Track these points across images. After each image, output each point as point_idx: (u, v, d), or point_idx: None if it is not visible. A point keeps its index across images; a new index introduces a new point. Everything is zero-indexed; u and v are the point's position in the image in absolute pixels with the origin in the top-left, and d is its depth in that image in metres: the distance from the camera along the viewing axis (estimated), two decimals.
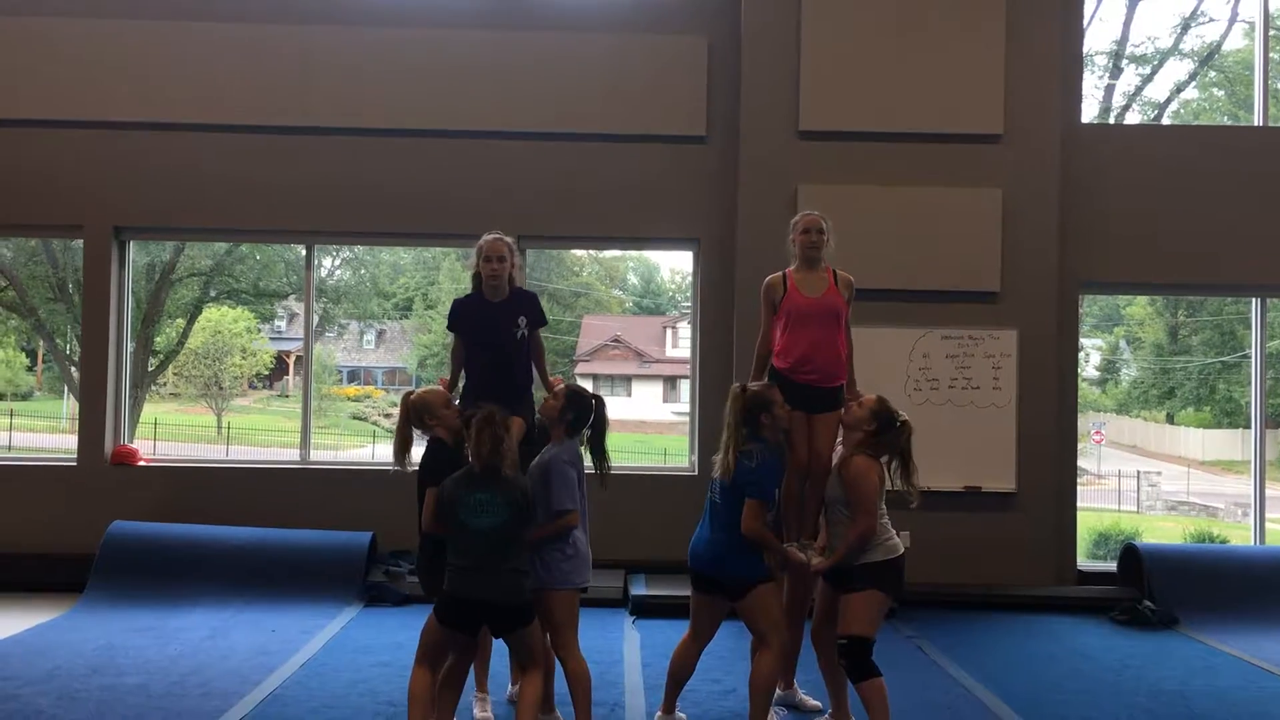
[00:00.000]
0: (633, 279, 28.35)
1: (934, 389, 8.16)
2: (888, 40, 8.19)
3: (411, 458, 4.87)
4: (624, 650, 6.47)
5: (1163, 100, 17.91)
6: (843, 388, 5.38)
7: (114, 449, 8.56)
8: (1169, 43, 17.37)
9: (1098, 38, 16.98)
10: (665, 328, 25.42)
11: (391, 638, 6.53)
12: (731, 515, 4.62)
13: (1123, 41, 16.82)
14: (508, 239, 5.37)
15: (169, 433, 18.26)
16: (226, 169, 8.51)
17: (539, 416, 4.98)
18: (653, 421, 22.85)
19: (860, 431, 4.74)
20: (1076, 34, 8.68)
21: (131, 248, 8.89)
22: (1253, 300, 9.06)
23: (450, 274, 21.11)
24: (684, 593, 4.96)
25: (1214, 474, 23.03)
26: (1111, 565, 8.67)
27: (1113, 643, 7.00)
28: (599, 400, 4.86)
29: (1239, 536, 14.01)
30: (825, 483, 4.96)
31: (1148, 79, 17.71)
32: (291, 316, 22.15)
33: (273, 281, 16.89)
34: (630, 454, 17.11)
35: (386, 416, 21.02)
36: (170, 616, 7.02)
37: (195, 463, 9.47)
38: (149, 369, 15.84)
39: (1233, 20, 16.59)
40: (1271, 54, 9.04)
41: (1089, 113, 15.34)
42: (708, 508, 4.80)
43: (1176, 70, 18.50)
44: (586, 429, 4.82)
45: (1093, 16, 14.63)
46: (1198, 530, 15.83)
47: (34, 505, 8.33)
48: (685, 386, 15.89)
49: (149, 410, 17.07)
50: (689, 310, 9.50)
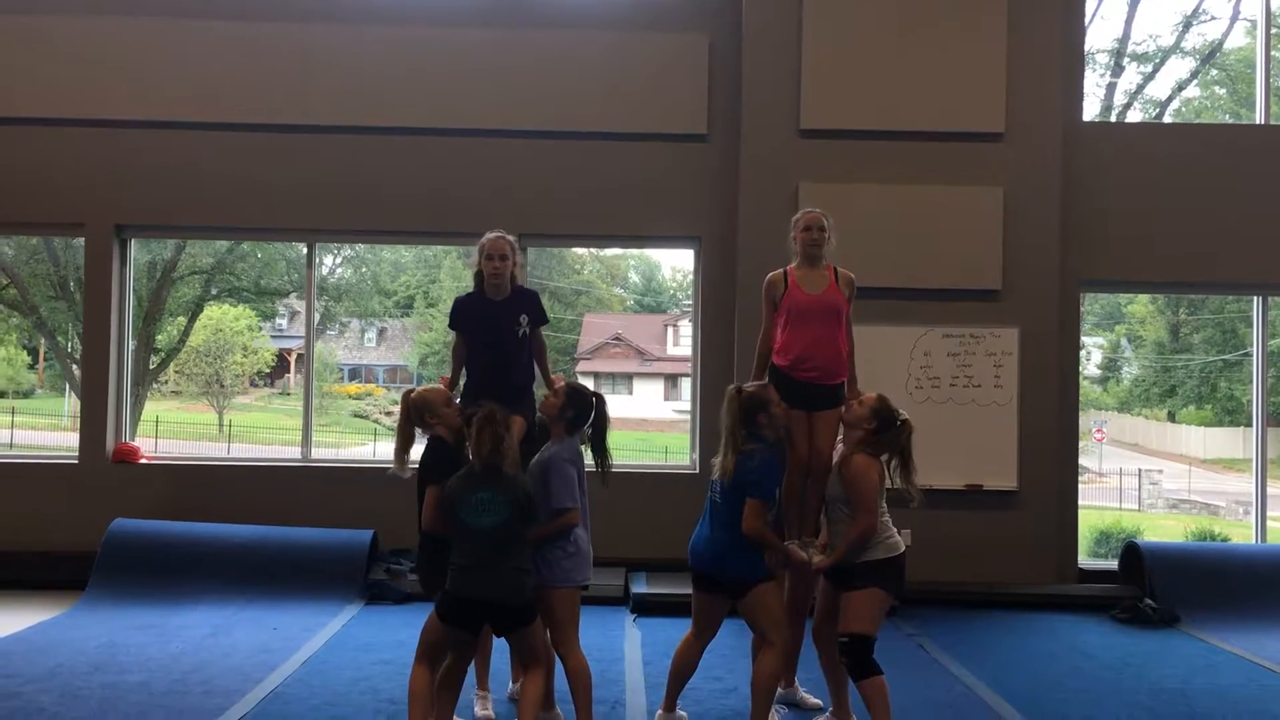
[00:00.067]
0: (634, 277, 28.33)
1: (935, 387, 8.16)
2: (889, 38, 8.19)
3: (410, 461, 4.86)
4: (625, 648, 6.48)
5: (1164, 98, 17.88)
6: (843, 385, 5.37)
7: (115, 447, 8.57)
8: (1170, 41, 17.35)
9: (1099, 36, 16.98)
10: (666, 326, 25.38)
11: (393, 635, 6.54)
12: (732, 515, 4.62)
13: (1124, 39, 16.79)
14: (509, 237, 5.37)
15: (170, 431, 18.25)
16: (227, 167, 8.51)
17: (539, 414, 4.98)
18: (654, 419, 22.82)
19: (860, 430, 4.74)
20: (1078, 32, 8.68)
21: (133, 246, 8.90)
22: (1254, 298, 9.06)
23: (451, 272, 21.10)
24: (685, 591, 4.96)
25: (1215, 472, 22.99)
26: (1113, 563, 8.67)
27: (1114, 641, 7.00)
28: (599, 398, 4.86)
29: (1240, 535, 14.00)
30: (826, 480, 4.96)
31: (1149, 77, 17.68)
32: (293, 314, 22.13)
33: (274, 279, 16.86)
34: (631, 452, 17.09)
35: (388, 414, 21.00)
36: (172, 614, 7.03)
37: (197, 460, 9.48)
38: (150, 367, 15.82)
39: (1234, 18, 16.56)
40: (1273, 52, 9.03)
41: (1090, 111, 15.35)
42: (708, 507, 4.80)
43: (1178, 68, 18.47)
44: (587, 427, 4.83)
45: (1094, 14, 14.62)
46: (1199, 528, 15.81)
47: (36, 503, 8.34)
48: (686, 385, 15.89)
49: (150, 408, 17.06)
50: (690, 308, 9.50)
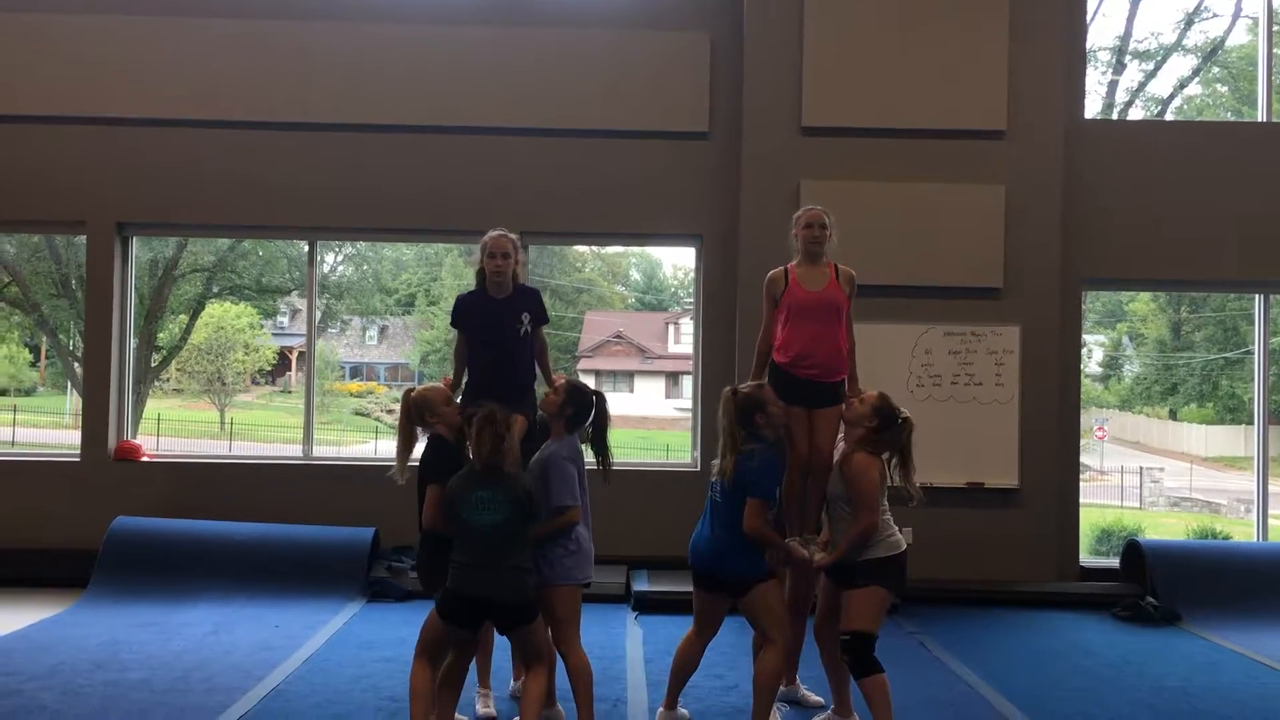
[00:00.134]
0: (635, 275, 28.34)
1: (936, 385, 8.16)
2: (890, 36, 8.18)
3: (410, 466, 4.84)
4: (626, 646, 6.48)
5: (1166, 96, 17.88)
6: (843, 382, 5.37)
7: (117, 445, 8.57)
8: (1172, 38, 17.34)
9: (1101, 33, 16.97)
10: (668, 324, 25.39)
11: (394, 633, 6.54)
12: (733, 514, 4.62)
13: (1126, 37, 16.78)
14: (512, 235, 5.37)
15: (172, 428, 18.26)
16: (229, 165, 8.51)
17: (540, 412, 4.98)
18: (655, 417, 22.84)
19: (862, 427, 4.74)
20: (1080, 29, 8.67)
21: (134, 244, 8.90)
22: (1256, 296, 9.05)
23: (453, 270, 21.10)
24: (686, 589, 4.96)
25: (1217, 470, 22.99)
26: (1114, 561, 8.67)
27: (1115, 639, 7.00)
28: (599, 396, 4.85)
29: (1242, 533, 13.98)
30: (827, 478, 4.96)
31: (1151, 74, 17.68)
32: (294, 312, 22.14)
33: (275, 277, 16.87)
34: (632, 450, 17.09)
35: (389, 412, 21.02)
36: (173, 612, 7.04)
37: (198, 458, 9.49)
38: (152, 365, 15.82)
39: (1236, 16, 16.54)
40: (1275, 49, 9.01)
41: (1092, 108, 15.32)
42: (708, 506, 4.80)
43: (1180, 66, 18.48)
44: (588, 425, 4.82)
45: (1096, 12, 14.60)
46: (1200, 526, 15.82)
47: (38, 501, 8.34)
48: (688, 382, 15.90)
49: (152, 406, 17.07)
50: (691, 306, 9.50)
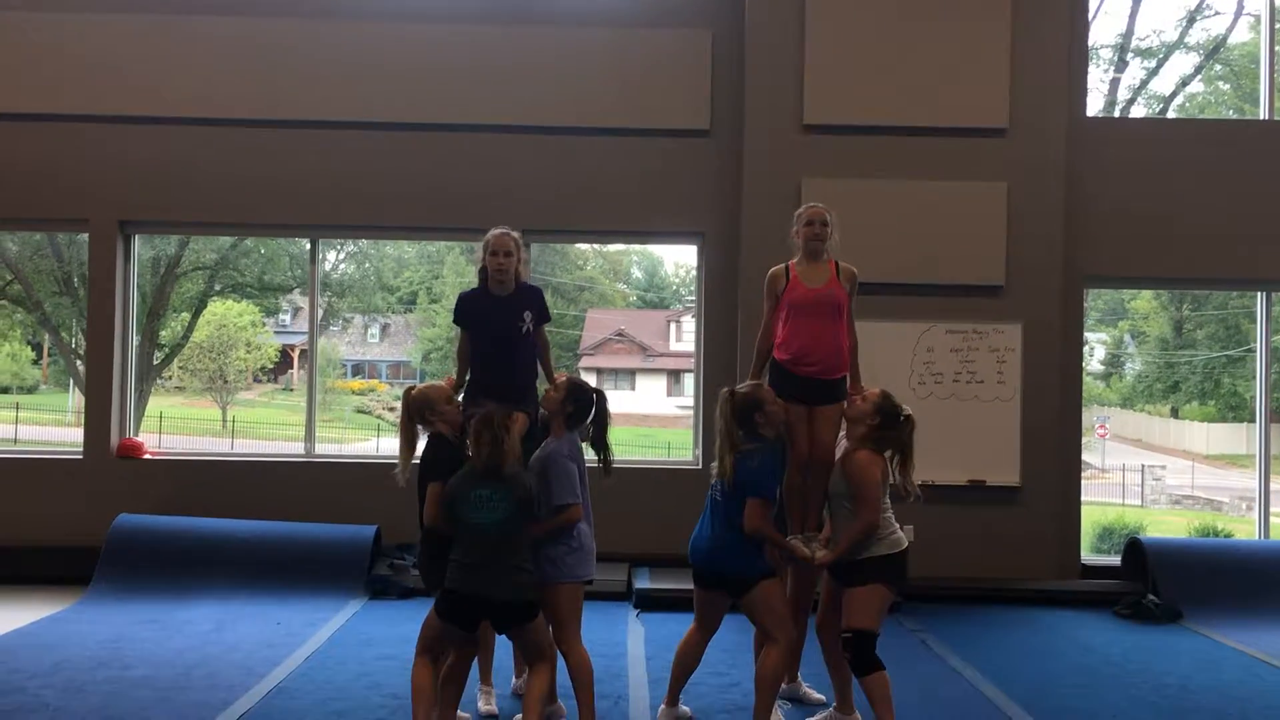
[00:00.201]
0: (637, 273, 28.34)
1: (938, 383, 8.16)
2: (892, 33, 8.17)
3: (412, 466, 4.84)
4: (628, 643, 6.49)
5: (1168, 94, 17.88)
6: (844, 380, 5.37)
7: (120, 442, 8.59)
8: (1174, 36, 17.35)
9: (1103, 31, 17.02)
10: (669, 321, 25.40)
11: (396, 631, 6.54)
12: (733, 513, 4.63)
13: (1128, 35, 16.78)
14: (514, 233, 5.36)
15: (174, 426, 18.29)
16: (231, 163, 8.52)
17: (541, 410, 4.98)
18: (656, 415, 22.85)
19: (863, 425, 4.74)
20: (1082, 27, 8.66)
21: (137, 242, 8.90)
22: (1258, 294, 9.05)
23: (454, 268, 21.13)
24: (688, 586, 4.96)
25: (1218, 468, 22.99)
26: (1115, 559, 8.67)
27: (1116, 637, 7.00)
28: (600, 394, 4.86)
29: (1243, 530, 13.99)
30: (828, 476, 4.96)
31: (1153, 72, 17.68)
32: (296, 310, 22.17)
33: (277, 275, 16.90)
34: (634, 448, 17.12)
35: (391, 410, 21.04)
36: (176, 609, 7.05)
37: (200, 456, 9.50)
38: (154, 362, 15.85)
39: (1238, 13, 16.55)
40: (1277, 47, 8.99)
41: (1094, 106, 15.33)
42: (709, 505, 4.80)
43: (1182, 64, 18.52)
44: (588, 423, 4.83)
45: (1098, 9, 14.56)
46: (1202, 524, 15.82)
47: (40, 498, 8.35)
48: (689, 380, 15.89)
49: (154, 404, 17.09)
50: (693, 304, 9.50)
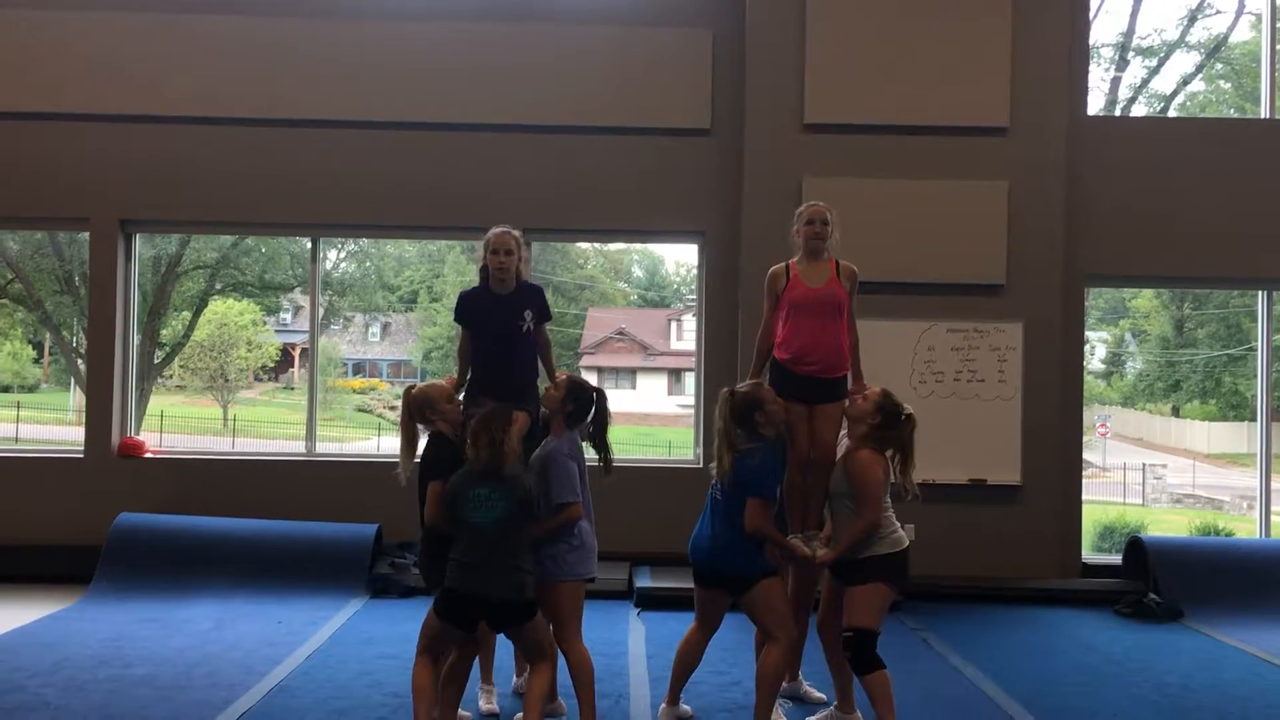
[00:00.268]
0: (637, 272, 28.35)
1: (939, 381, 8.16)
2: (893, 32, 8.17)
3: (413, 464, 4.85)
4: (629, 642, 6.49)
5: (1169, 92, 17.86)
6: (844, 379, 5.36)
7: (121, 441, 8.59)
8: (1175, 35, 17.32)
9: (1104, 29, 17.00)
10: (670, 320, 25.40)
11: (397, 629, 6.55)
12: (734, 512, 4.63)
13: (1129, 33, 16.77)
14: (515, 232, 5.37)
15: (175, 425, 18.28)
16: (232, 162, 8.52)
17: (542, 409, 4.98)
18: (657, 414, 22.86)
19: (864, 424, 4.74)
20: (1083, 25, 8.65)
21: (137, 240, 8.90)
22: (1259, 293, 9.05)
23: (455, 267, 21.13)
24: (689, 585, 4.96)
25: (1219, 467, 22.98)
26: (1116, 558, 8.66)
27: (1117, 636, 7.00)
28: (600, 393, 4.86)
29: (1244, 529, 13.99)
30: (830, 475, 4.96)
31: (1154, 71, 17.66)
32: (297, 309, 22.18)
33: (278, 274, 16.89)
34: (635, 446, 17.11)
35: (391, 409, 21.04)
36: (177, 608, 7.05)
37: (201, 455, 9.50)
38: (155, 361, 15.84)
39: (1240, 12, 16.55)
40: (1278, 45, 8.99)
41: (1095, 105, 15.29)
42: (709, 504, 4.80)
43: (1183, 62, 18.50)
44: (588, 422, 4.83)
45: (1099, 8, 14.55)
46: (1203, 523, 15.80)
47: (41, 497, 8.35)
48: (690, 379, 15.90)
49: (155, 402, 17.10)
50: (694, 303, 9.49)
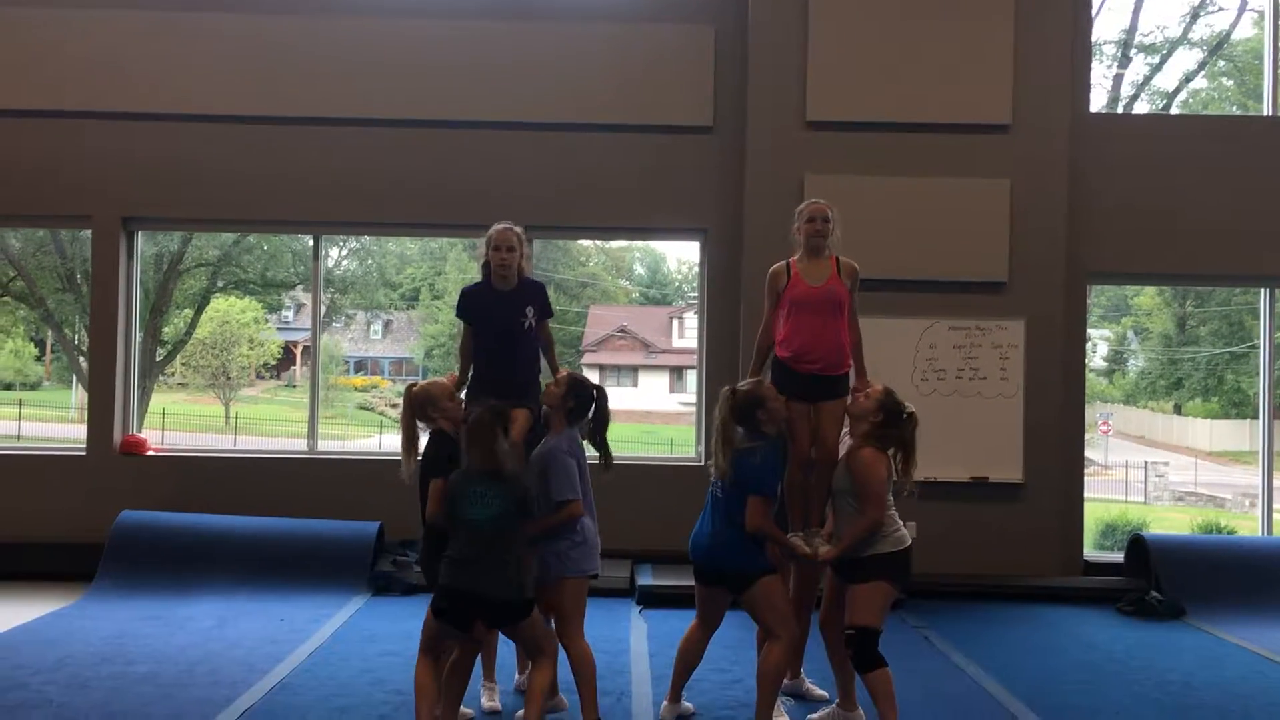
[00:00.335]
0: (639, 269, 28.36)
1: (941, 379, 8.15)
2: (895, 29, 8.16)
3: (416, 460, 4.85)
4: (631, 640, 6.49)
5: (1172, 89, 17.84)
6: (846, 376, 5.35)
7: (123, 439, 8.59)
8: (1178, 32, 17.29)
9: (1106, 27, 16.94)
10: (672, 318, 25.40)
11: (399, 627, 6.54)
12: (734, 510, 4.63)
13: (1131, 30, 16.75)
14: (517, 229, 5.36)
15: (177, 423, 18.29)
16: (234, 160, 8.52)
17: (543, 406, 4.98)
18: (659, 412, 22.86)
19: (867, 422, 4.74)
20: (1085, 23, 8.64)
21: (139, 238, 8.90)
22: (1261, 290, 9.03)
23: (456, 264, 21.13)
24: (690, 583, 4.96)
25: (1221, 464, 22.95)
26: (1118, 556, 8.65)
27: (1119, 633, 7.00)
28: (600, 391, 4.86)
29: (1246, 527, 13.98)
30: (832, 472, 4.95)
31: (1156, 68, 17.64)
32: (299, 307, 22.20)
33: (280, 272, 16.91)
34: (636, 444, 17.11)
35: (393, 406, 21.04)
36: (179, 605, 7.06)
37: (203, 453, 9.50)
38: (157, 359, 15.86)
39: (1242, 9, 16.53)
40: None
41: (1097, 102, 15.27)
42: (709, 502, 4.80)
43: (1185, 59, 18.46)
44: (588, 419, 4.83)
45: (1101, 5, 14.55)
46: (1205, 521, 15.77)
47: (43, 495, 8.36)
48: (692, 377, 15.88)
49: (157, 400, 17.11)
50: (696, 300, 9.49)
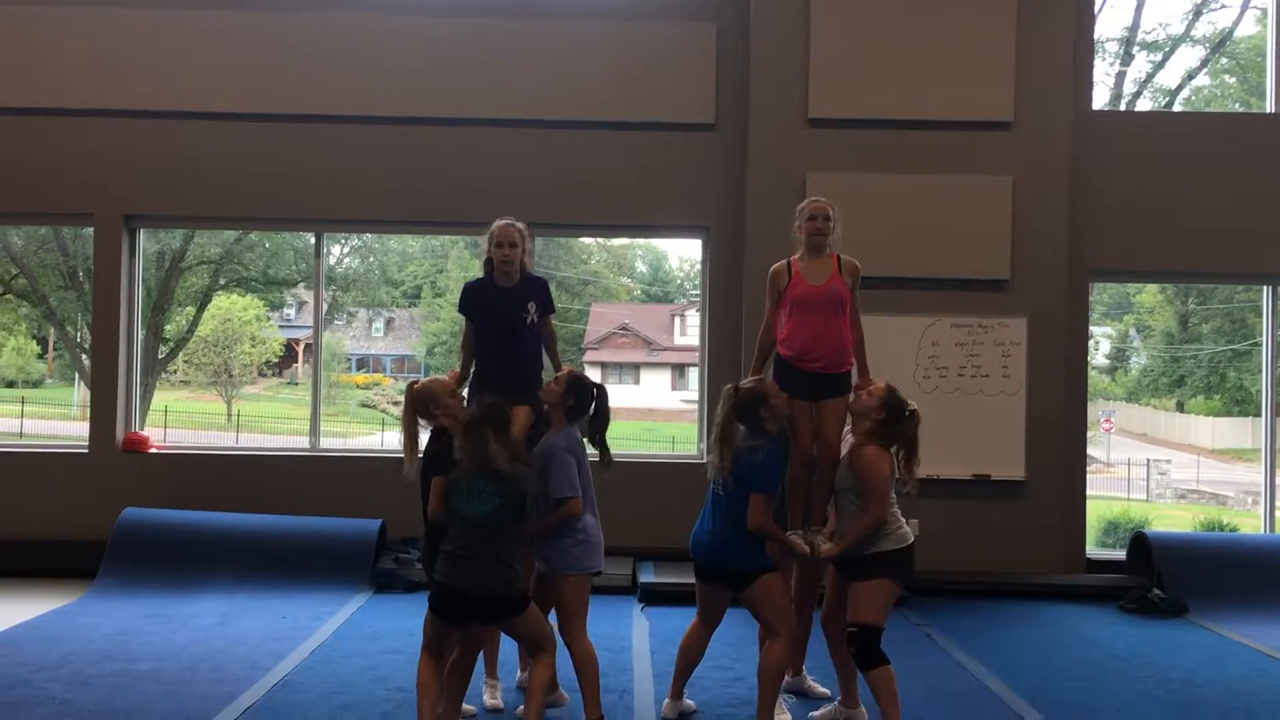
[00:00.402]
0: (641, 267, 28.35)
1: (943, 377, 8.15)
2: (897, 26, 8.15)
3: (418, 458, 4.84)
4: (633, 637, 6.49)
5: (1174, 87, 17.79)
6: (848, 374, 5.35)
7: (125, 436, 8.60)
8: (1180, 29, 17.24)
9: (1108, 24, 16.89)
10: (674, 315, 25.38)
11: (401, 624, 6.55)
12: (736, 508, 4.63)
13: (1134, 28, 16.70)
14: (519, 224, 5.36)
15: (179, 420, 18.32)
16: (236, 158, 8.52)
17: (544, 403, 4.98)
18: (661, 409, 22.85)
19: (869, 420, 4.73)
20: (1088, 20, 8.63)
21: (141, 236, 8.90)
22: (1264, 288, 9.01)
23: (458, 262, 21.13)
24: (692, 580, 4.97)
25: (1224, 462, 22.93)
26: (1121, 553, 8.65)
27: (1121, 631, 7.00)
28: (600, 390, 4.86)
29: (1249, 525, 13.96)
30: (834, 470, 4.95)
31: (1159, 66, 17.59)
32: (301, 304, 22.22)
33: (282, 269, 16.92)
34: (638, 442, 17.12)
35: (395, 404, 21.03)
36: (182, 603, 7.06)
37: (206, 450, 9.51)
38: (159, 357, 15.88)
39: (1245, 6, 16.47)
40: None
41: (1100, 100, 15.24)
42: (709, 499, 4.80)
43: (1188, 57, 18.40)
44: (586, 417, 4.82)
45: (1104, 3, 14.53)
46: (1207, 518, 15.76)
47: (46, 492, 8.37)
48: (694, 374, 15.89)
49: (159, 398, 17.13)
50: (698, 298, 9.49)
